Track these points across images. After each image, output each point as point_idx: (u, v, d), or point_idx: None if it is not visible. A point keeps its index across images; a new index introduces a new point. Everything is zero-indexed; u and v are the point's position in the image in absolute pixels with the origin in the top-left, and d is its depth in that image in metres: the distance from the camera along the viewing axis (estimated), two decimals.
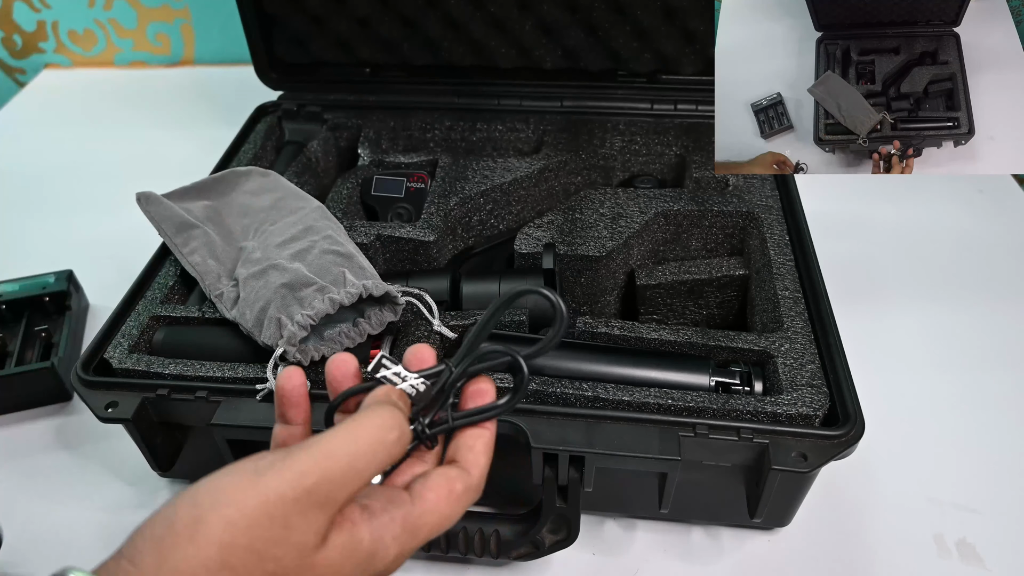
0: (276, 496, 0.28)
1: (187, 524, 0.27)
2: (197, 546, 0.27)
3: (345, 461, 0.29)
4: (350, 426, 0.31)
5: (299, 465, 0.29)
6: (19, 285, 0.71)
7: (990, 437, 0.61)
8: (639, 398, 0.49)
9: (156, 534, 0.27)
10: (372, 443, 0.30)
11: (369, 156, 0.76)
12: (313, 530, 0.28)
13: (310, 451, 0.29)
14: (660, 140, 0.76)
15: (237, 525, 0.27)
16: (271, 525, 0.27)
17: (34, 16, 1.16)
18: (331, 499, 0.29)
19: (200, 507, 0.28)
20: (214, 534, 0.27)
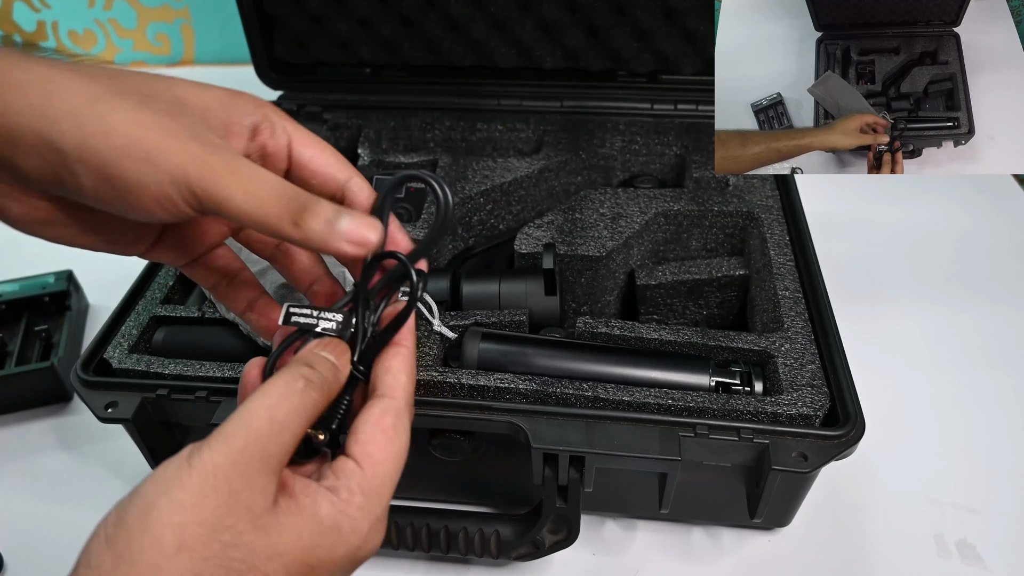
0: (212, 466, 0.28)
1: (137, 515, 0.27)
2: (151, 533, 0.27)
3: (264, 415, 0.30)
4: (262, 386, 0.31)
5: (224, 432, 0.29)
6: (19, 285, 0.71)
7: (990, 437, 0.61)
8: (639, 398, 0.48)
9: (108, 534, 0.27)
10: (283, 392, 0.31)
11: (369, 156, 0.76)
12: (258, 491, 0.29)
13: (231, 418, 0.30)
14: (660, 140, 0.76)
15: (184, 503, 0.27)
16: (216, 495, 0.28)
17: (34, 16, 1.16)
18: (266, 455, 0.29)
19: (146, 497, 0.28)
20: (164, 517, 0.27)
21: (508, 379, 0.50)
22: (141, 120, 0.30)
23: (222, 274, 0.39)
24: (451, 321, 0.56)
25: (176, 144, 0.30)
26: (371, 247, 0.33)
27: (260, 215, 0.31)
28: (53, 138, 0.29)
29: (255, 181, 0.31)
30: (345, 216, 0.32)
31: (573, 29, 0.76)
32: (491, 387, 0.50)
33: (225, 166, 0.30)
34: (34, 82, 0.30)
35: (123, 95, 0.31)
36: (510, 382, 0.50)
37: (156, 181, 0.30)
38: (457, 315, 0.56)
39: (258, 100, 0.35)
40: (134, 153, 0.29)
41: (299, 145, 0.35)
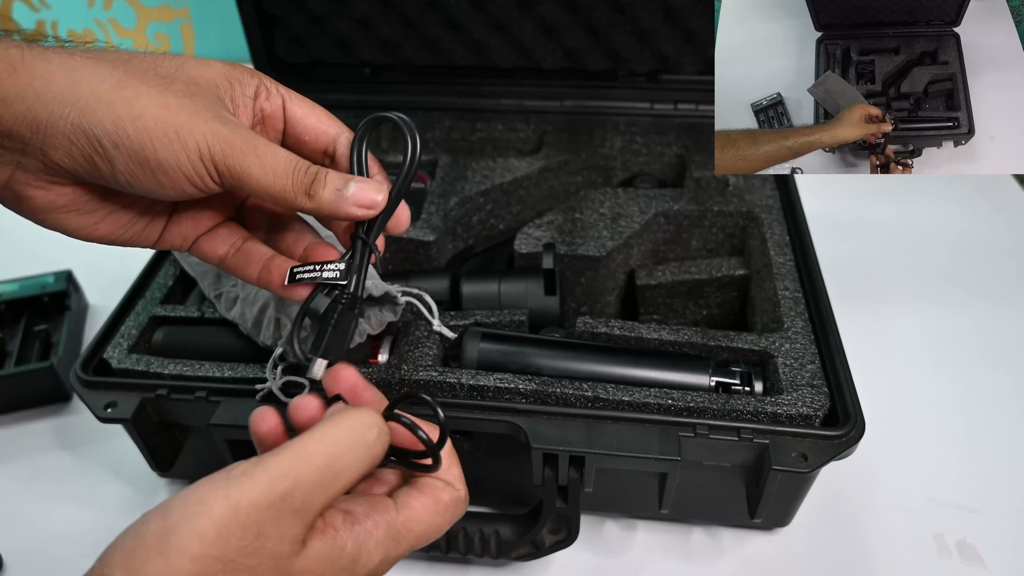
0: (248, 503, 0.27)
1: (157, 536, 0.26)
2: (167, 559, 0.26)
3: (321, 463, 0.28)
4: (325, 427, 0.30)
5: (272, 471, 0.28)
6: (18, 285, 0.71)
7: (990, 437, 0.61)
8: (639, 398, 0.48)
9: (127, 547, 0.27)
10: (351, 443, 0.30)
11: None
12: (288, 538, 0.28)
13: (283, 455, 0.28)
14: (660, 140, 0.76)
15: (206, 536, 0.26)
16: (243, 534, 0.27)
17: (33, 16, 1.15)
18: (307, 505, 0.28)
19: (170, 518, 0.27)
20: (184, 546, 0.26)
21: (508, 379, 0.50)
22: (167, 102, 0.32)
23: (230, 243, 0.39)
24: (451, 321, 0.56)
25: (201, 123, 0.32)
26: (379, 207, 0.36)
27: (278, 188, 0.33)
28: (87, 126, 0.30)
29: (271, 157, 0.33)
30: (352, 183, 0.35)
31: (573, 29, 0.76)
32: (491, 387, 0.50)
33: (246, 144, 0.33)
34: (59, 71, 0.31)
35: (143, 79, 0.32)
36: (510, 382, 0.50)
37: (187, 159, 0.32)
38: (457, 315, 0.56)
39: (252, 70, 0.37)
40: (165, 133, 0.31)
41: (292, 106, 0.37)
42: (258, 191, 0.33)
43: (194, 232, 0.39)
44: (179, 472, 0.58)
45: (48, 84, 0.30)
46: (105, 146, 0.31)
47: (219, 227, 0.39)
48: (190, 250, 0.39)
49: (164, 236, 0.38)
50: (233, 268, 0.39)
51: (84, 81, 0.31)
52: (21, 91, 0.30)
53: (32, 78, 0.30)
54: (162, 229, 0.38)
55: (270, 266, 0.38)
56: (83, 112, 0.30)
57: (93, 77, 0.31)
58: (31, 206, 0.34)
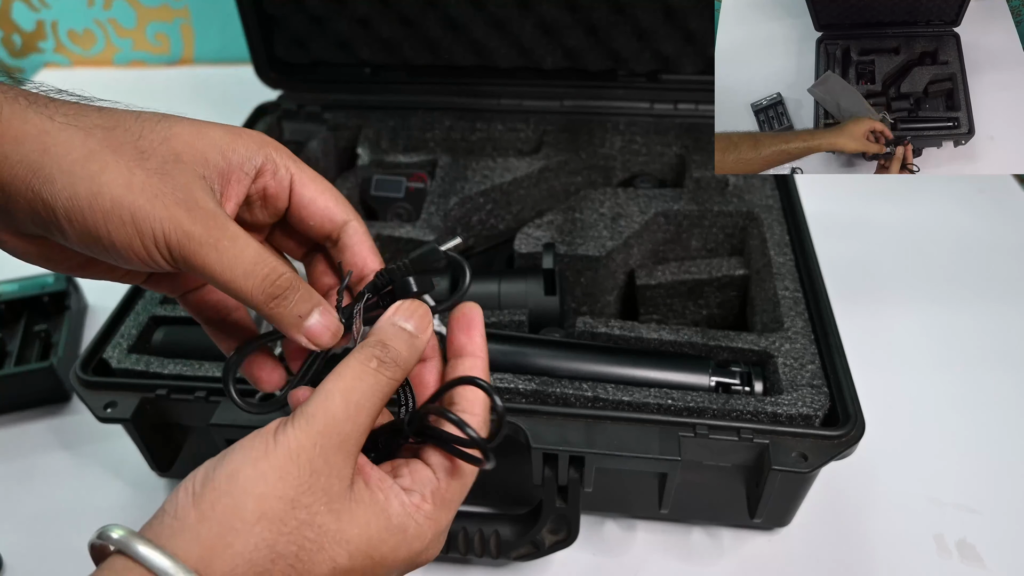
0: (296, 445, 0.29)
1: (223, 479, 0.28)
2: (235, 498, 0.28)
3: (339, 398, 0.30)
4: (337, 368, 0.32)
5: (306, 413, 0.30)
6: (18, 285, 0.71)
7: (990, 437, 0.61)
8: (639, 398, 0.48)
9: (196, 490, 0.28)
10: (358, 374, 0.31)
11: (369, 156, 0.76)
12: (336, 473, 0.30)
13: (312, 402, 0.31)
14: (660, 140, 0.76)
15: (268, 477, 0.28)
16: (299, 473, 0.29)
17: (33, 16, 1.15)
18: (344, 437, 0.30)
19: (234, 463, 0.29)
20: (250, 486, 0.28)
21: (508, 379, 0.50)
22: (131, 182, 0.30)
23: (214, 310, 0.39)
24: None
25: (161, 209, 0.30)
26: (325, 347, 0.35)
27: (235, 287, 0.32)
28: (45, 196, 0.30)
29: (234, 255, 0.31)
30: (316, 314, 0.34)
31: (573, 29, 0.76)
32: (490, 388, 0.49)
33: (207, 236, 0.31)
34: (31, 135, 0.30)
35: (117, 151, 0.31)
36: (510, 382, 0.49)
37: (140, 243, 0.30)
38: None
39: (261, 138, 0.35)
40: (120, 216, 0.30)
41: (300, 186, 0.36)
42: (215, 283, 0.32)
43: (181, 288, 0.38)
44: (179, 472, 0.58)
45: (17, 147, 0.30)
46: (59, 219, 0.30)
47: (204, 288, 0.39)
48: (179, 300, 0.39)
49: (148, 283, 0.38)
50: (213, 336, 0.39)
51: (52, 148, 0.30)
52: None
53: (4, 137, 0.30)
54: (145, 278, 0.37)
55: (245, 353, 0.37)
56: (44, 182, 0.30)
57: (63, 145, 0.30)
58: (6, 249, 0.34)
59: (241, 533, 0.27)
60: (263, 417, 0.35)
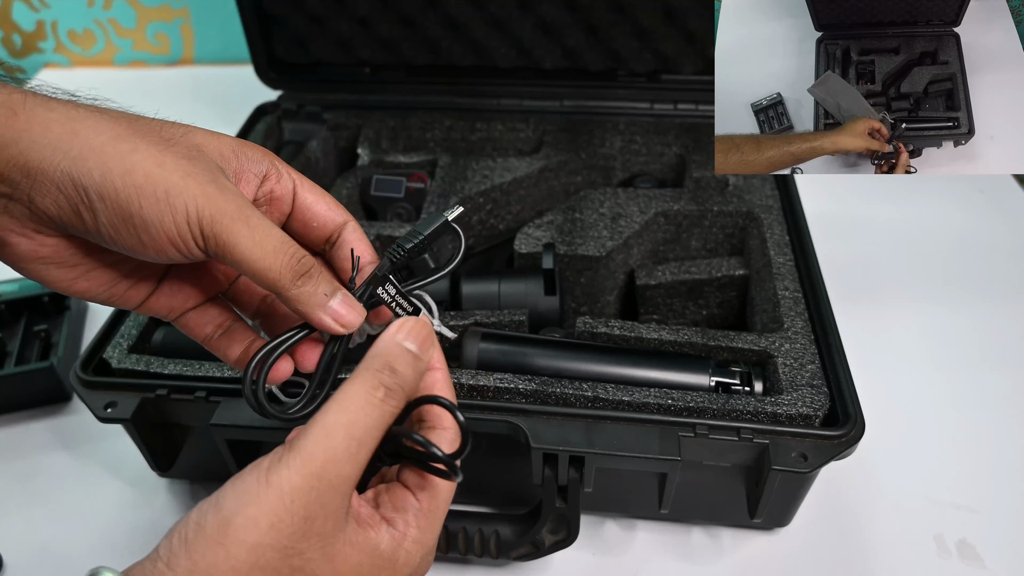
0: (290, 488, 0.28)
1: (215, 528, 0.28)
2: (227, 549, 0.27)
3: (342, 434, 0.30)
4: (338, 396, 0.31)
5: (302, 452, 0.29)
6: (18, 285, 0.71)
7: (990, 437, 0.61)
8: (639, 398, 0.48)
9: (188, 537, 0.28)
10: (362, 407, 0.31)
11: (369, 156, 0.76)
12: (331, 516, 0.29)
13: (308, 435, 0.30)
14: (660, 140, 0.76)
15: (260, 525, 0.28)
16: (292, 520, 0.28)
17: (33, 16, 1.15)
18: (341, 477, 0.29)
19: (225, 510, 0.28)
20: (241, 535, 0.28)
21: (508, 379, 0.50)
22: (163, 161, 0.31)
23: (217, 323, 0.39)
24: (451, 321, 0.56)
25: (194, 185, 0.31)
26: (351, 329, 0.35)
27: (263, 265, 0.32)
28: (76, 175, 0.30)
29: (264, 233, 0.32)
30: (340, 293, 0.34)
31: (573, 29, 0.76)
32: (491, 387, 0.50)
33: (238, 212, 0.32)
34: (58, 120, 0.31)
35: (144, 136, 0.32)
36: (510, 382, 0.49)
37: (172, 219, 0.31)
38: (457, 315, 0.56)
39: (264, 150, 0.37)
40: (154, 191, 0.30)
41: (302, 191, 0.37)
42: (242, 264, 0.32)
43: (182, 305, 0.38)
44: (179, 472, 0.58)
45: (45, 131, 0.30)
46: (91, 197, 0.30)
47: (208, 304, 0.39)
48: (175, 322, 0.39)
49: (148, 303, 0.37)
50: (216, 348, 0.38)
51: (82, 131, 0.31)
52: (17, 136, 0.30)
53: (31, 124, 0.30)
54: (147, 295, 0.37)
55: (251, 349, 0.37)
56: (75, 161, 0.30)
57: (92, 128, 0.31)
58: (13, 253, 0.33)
59: None
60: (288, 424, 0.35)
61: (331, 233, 0.37)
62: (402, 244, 0.38)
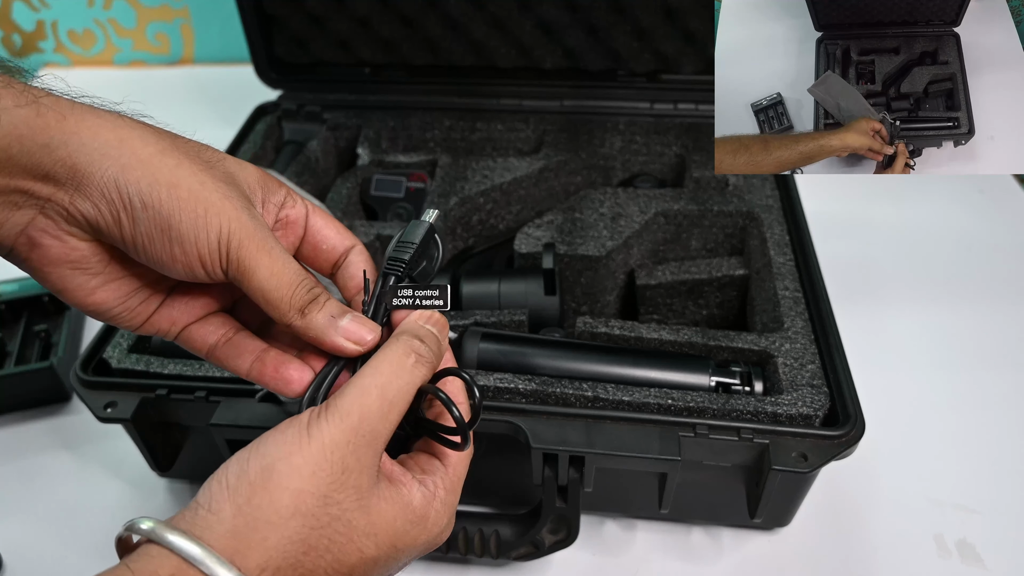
0: (330, 440, 0.30)
1: (259, 474, 0.29)
2: (271, 493, 0.29)
3: (376, 393, 0.32)
4: (373, 361, 0.33)
5: (340, 409, 0.31)
6: (18, 285, 0.71)
7: (990, 437, 0.61)
8: (639, 398, 0.48)
9: (231, 484, 0.29)
10: (394, 370, 0.33)
11: (369, 156, 0.76)
12: (366, 470, 0.31)
13: (345, 394, 0.32)
14: (660, 140, 0.76)
15: (303, 472, 0.29)
16: (331, 469, 0.30)
17: (33, 16, 1.15)
18: (375, 434, 0.31)
19: (269, 457, 0.30)
20: (285, 482, 0.29)
21: (508, 379, 0.50)
22: (204, 180, 0.33)
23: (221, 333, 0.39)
24: (451, 321, 0.56)
25: (230, 208, 0.33)
26: (368, 346, 0.36)
27: (275, 296, 0.34)
28: (124, 182, 0.31)
29: (281, 263, 0.34)
30: (348, 315, 0.36)
31: (573, 29, 0.76)
32: (491, 387, 0.50)
33: (263, 241, 0.34)
34: (106, 126, 0.32)
35: (186, 155, 0.33)
36: (510, 382, 0.49)
37: (206, 237, 0.32)
38: (457, 315, 0.56)
39: (280, 180, 0.39)
40: (195, 207, 0.32)
41: (313, 216, 0.39)
42: (256, 292, 0.34)
43: (186, 318, 0.38)
44: (179, 472, 0.58)
45: (95, 136, 0.31)
46: (135, 205, 0.31)
47: (211, 316, 0.39)
48: (176, 338, 0.38)
49: (153, 318, 0.37)
50: (222, 358, 0.38)
51: (128, 140, 0.32)
52: (67, 138, 0.31)
53: (80, 127, 0.31)
54: (154, 310, 0.37)
55: (264, 358, 0.37)
56: (123, 169, 0.31)
57: (138, 139, 0.32)
58: (43, 255, 0.33)
59: (277, 527, 0.29)
60: None
61: (339, 257, 0.39)
62: (398, 257, 0.38)
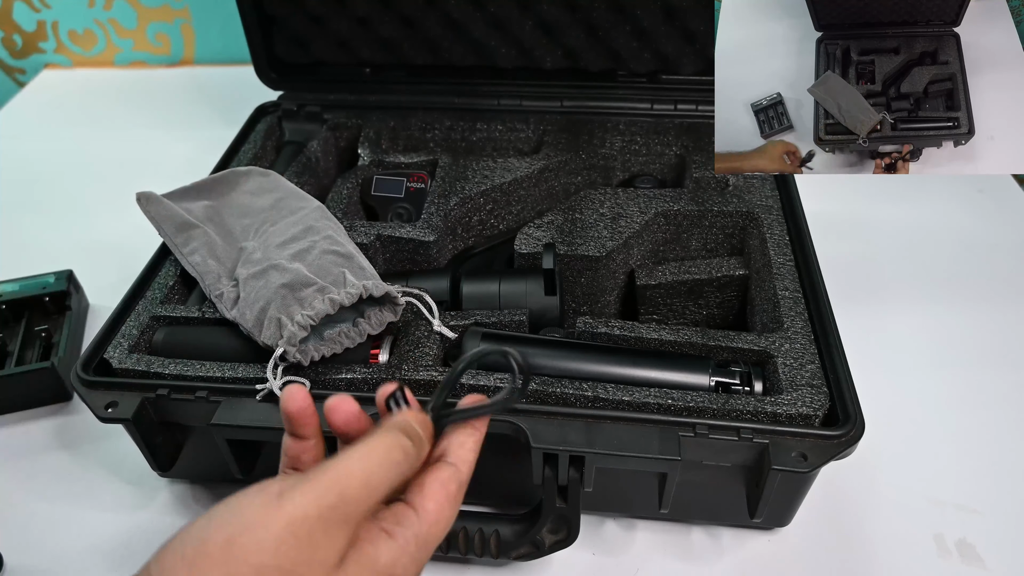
0: (301, 515, 0.29)
1: (220, 546, 0.28)
2: (230, 568, 0.27)
3: (360, 479, 0.31)
4: (362, 447, 0.32)
5: (319, 485, 0.30)
6: (19, 285, 0.71)
7: (990, 437, 0.61)
8: (639, 398, 0.48)
9: (187, 555, 0.28)
10: (383, 461, 0.32)
11: (369, 156, 0.76)
12: (335, 548, 0.30)
13: (328, 472, 0.30)
14: (660, 140, 0.76)
15: (266, 546, 0.28)
16: (297, 544, 0.28)
17: (34, 16, 1.16)
18: (350, 516, 0.30)
19: (230, 528, 0.28)
20: (246, 556, 0.28)
21: (508, 379, 0.50)
22: None
23: None
24: (451, 321, 0.56)
25: None
26: None
27: None
28: None
29: None
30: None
31: (573, 29, 0.76)
32: (491, 387, 0.50)
33: None
34: None
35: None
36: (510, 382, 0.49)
37: None
38: (457, 315, 0.56)
39: None
40: None
41: None
42: None
43: None
44: (179, 472, 0.58)
45: None
46: None
47: None
48: None
49: None
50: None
51: None
52: None
53: None
54: None
55: None
56: None
57: None
58: None
59: None
60: None
61: None
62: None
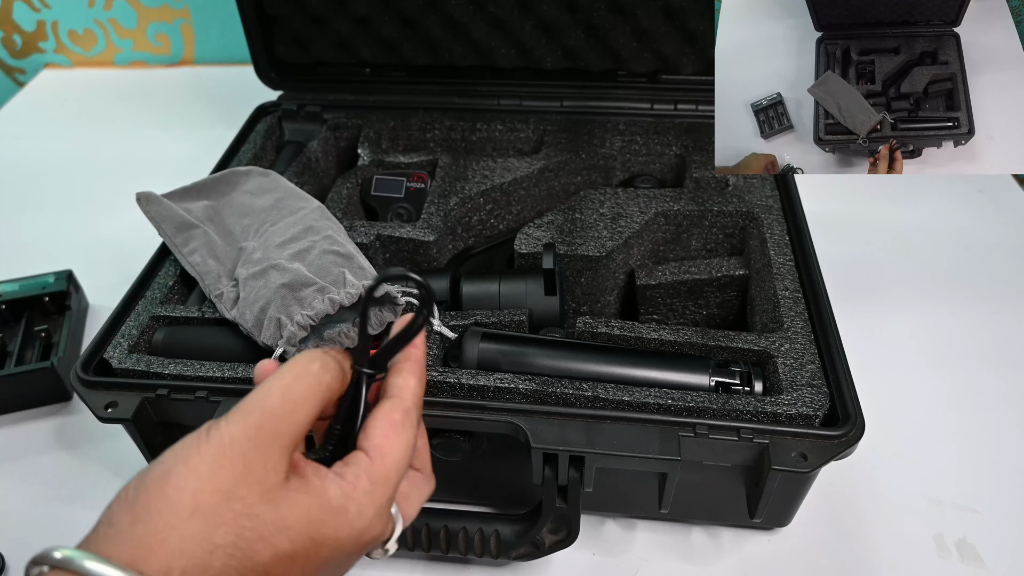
0: (229, 438, 0.30)
1: (155, 480, 0.29)
2: (167, 497, 0.28)
3: (278, 394, 0.32)
4: (279, 370, 0.33)
5: (241, 408, 0.31)
6: (19, 285, 0.71)
7: (990, 437, 0.61)
8: (639, 398, 0.48)
9: (129, 496, 0.29)
10: (296, 374, 0.32)
11: (369, 156, 0.76)
12: (271, 466, 0.30)
13: (249, 397, 0.32)
14: (660, 140, 0.76)
15: (200, 471, 0.29)
16: (232, 464, 0.29)
17: (34, 16, 1.16)
18: (278, 432, 0.31)
19: (165, 464, 0.30)
20: (182, 483, 0.29)
21: (508, 379, 0.50)
22: None
23: None
24: (451, 321, 0.56)
25: None
26: None
27: None
28: None
29: None
30: None
31: (573, 29, 0.76)
32: (491, 387, 0.50)
33: None
34: None
35: None
36: (510, 382, 0.50)
37: None
38: (457, 315, 0.56)
39: None
40: None
41: None
42: None
43: None
44: None
45: None
46: None
47: None
48: None
49: None
50: None
51: None
52: None
53: None
54: None
55: None
56: None
57: None
58: None
59: (175, 528, 0.28)
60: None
61: None
62: None
